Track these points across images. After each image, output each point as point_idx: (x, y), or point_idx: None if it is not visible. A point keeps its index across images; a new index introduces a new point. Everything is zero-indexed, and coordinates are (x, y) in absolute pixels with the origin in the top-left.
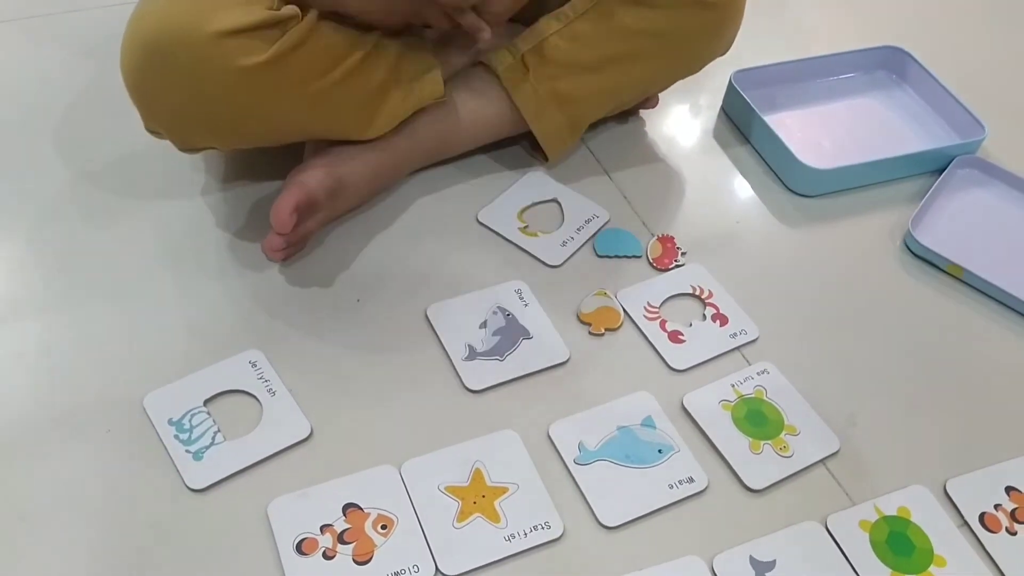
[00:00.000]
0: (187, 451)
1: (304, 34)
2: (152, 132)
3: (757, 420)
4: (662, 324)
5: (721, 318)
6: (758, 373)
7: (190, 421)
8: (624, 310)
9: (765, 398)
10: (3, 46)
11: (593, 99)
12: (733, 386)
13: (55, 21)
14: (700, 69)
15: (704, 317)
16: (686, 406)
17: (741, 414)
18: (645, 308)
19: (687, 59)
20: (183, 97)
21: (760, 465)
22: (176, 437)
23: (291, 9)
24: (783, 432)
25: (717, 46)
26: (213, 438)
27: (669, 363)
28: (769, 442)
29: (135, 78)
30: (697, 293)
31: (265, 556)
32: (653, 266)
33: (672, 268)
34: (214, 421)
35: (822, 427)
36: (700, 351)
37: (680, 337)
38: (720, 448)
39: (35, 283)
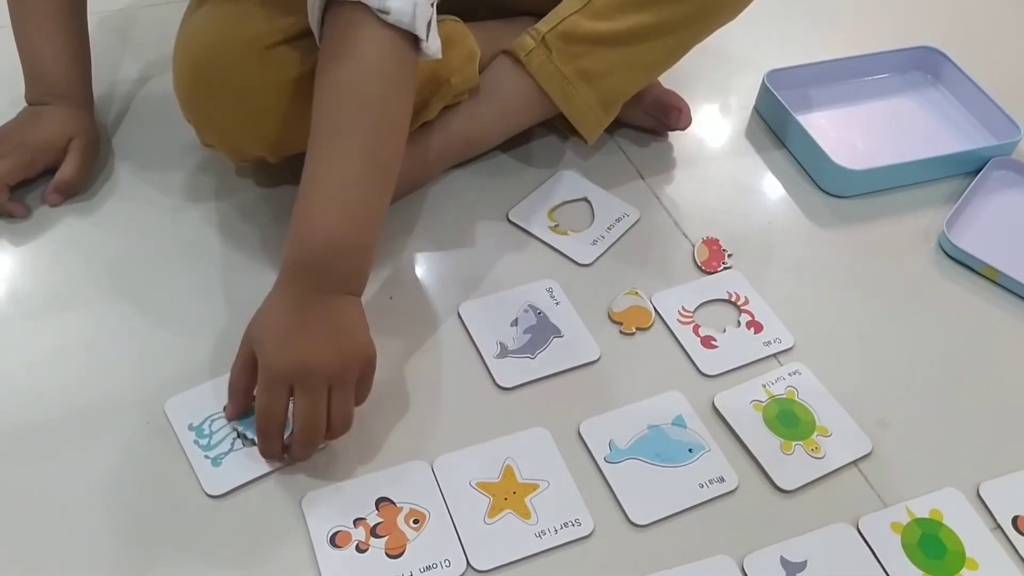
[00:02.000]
0: (206, 457)
1: None
2: (208, 146)
3: (788, 421)
4: (695, 329)
5: (756, 325)
6: (790, 374)
7: (210, 427)
8: (658, 313)
9: (797, 399)
10: None
11: (623, 73)
12: (764, 386)
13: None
14: (735, 17)
15: (739, 324)
16: (717, 406)
17: (772, 414)
18: (679, 312)
19: (719, 15)
20: (236, 111)
21: (791, 466)
22: (196, 443)
23: None
24: (815, 433)
25: None
26: (232, 444)
27: (700, 368)
28: (801, 443)
29: (188, 96)
30: (733, 299)
31: (299, 548)
32: (702, 270)
33: (720, 271)
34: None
35: (854, 428)
36: (732, 358)
37: (713, 343)
38: (751, 448)
39: (54, 288)
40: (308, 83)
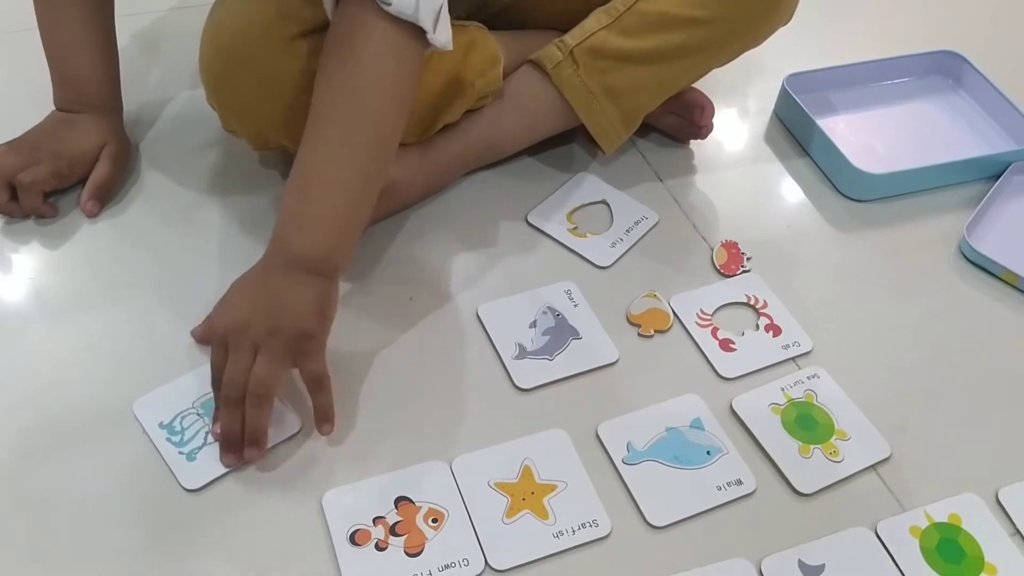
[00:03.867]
0: (180, 452)
1: None
2: (230, 131)
3: (807, 424)
4: (714, 332)
5: (774, 329)
6: (808, 377)
7: (180, 423)
8: (676, 316)
9: (815, 402)
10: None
11: (647, 90)
12: (783, 390)
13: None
14: (761, 43)
15: (757, 327)
16: (735, 409)
17: (791, 418)
18: (698, 315)
19: (746, 39)
20: (261, 98)
21: (810, 469)
22: (168, 440)
23: None
24: (833, 437)
25: (776, 20)
26: (205, 438)
27: (719, 371)
28: (819, 446)
29: (214, 82)
30: (751, 302)
31: (319, 545)
32: (720, 273)
33: (739, 274)
34: (205, 421)
35: (873, 433)
36: (751, 361)
37: (731, 346)
38: (769, 451)
39: (81, 287)
40: None
